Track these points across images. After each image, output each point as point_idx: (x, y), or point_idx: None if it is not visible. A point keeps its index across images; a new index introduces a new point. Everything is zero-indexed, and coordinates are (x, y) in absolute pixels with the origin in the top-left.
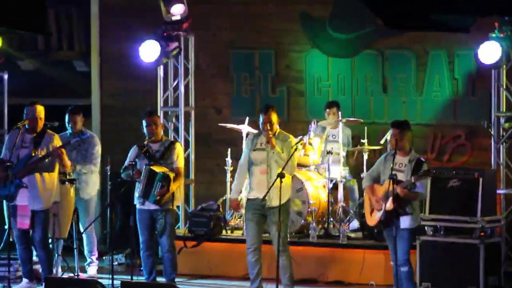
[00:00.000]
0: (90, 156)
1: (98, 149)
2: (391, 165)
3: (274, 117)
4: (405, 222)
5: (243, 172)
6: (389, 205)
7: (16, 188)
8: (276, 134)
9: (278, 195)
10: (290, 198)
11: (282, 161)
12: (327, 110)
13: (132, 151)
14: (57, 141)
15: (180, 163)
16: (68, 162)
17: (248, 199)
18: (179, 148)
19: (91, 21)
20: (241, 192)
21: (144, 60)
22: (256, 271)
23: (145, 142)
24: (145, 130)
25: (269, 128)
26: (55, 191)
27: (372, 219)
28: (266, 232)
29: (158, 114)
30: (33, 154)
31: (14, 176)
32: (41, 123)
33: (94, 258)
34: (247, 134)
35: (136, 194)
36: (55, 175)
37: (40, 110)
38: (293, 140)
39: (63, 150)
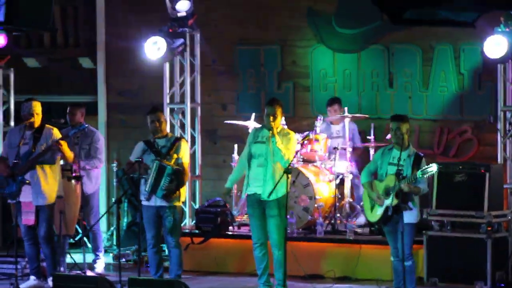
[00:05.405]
0: (94, 151)
1: (101, 143)
2: (388, 160)
3: (279, 111)
4: (409, 217)
5: (242, 164)
6: (393, 200)
7: (18, 185)
8: (279, 130)
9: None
10: (287, 193)
11: (279, 150)
12: (328, 107)
13: (138, 147)
14: (56, 134)
15: (185, 158)
16: (70, 154)
17: (247, 195)
18: (184, 144)
19: (96, 18)
20: (235, 182)
21: (149, 57)
22: (263, 266)
23: (152, 138)
24: (149, 126)
25: (271, 120)
26: (58, 185)
27: (374, 215)
28: None
29: (163, 110)
30: (33, 150)
31: (16, 173)
32: (38, 118)
33: (100, 254)
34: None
35: (143, 190)
36: (56, 168)
37: (36, 105)
38: (293, 136)
39: (62, 142)
